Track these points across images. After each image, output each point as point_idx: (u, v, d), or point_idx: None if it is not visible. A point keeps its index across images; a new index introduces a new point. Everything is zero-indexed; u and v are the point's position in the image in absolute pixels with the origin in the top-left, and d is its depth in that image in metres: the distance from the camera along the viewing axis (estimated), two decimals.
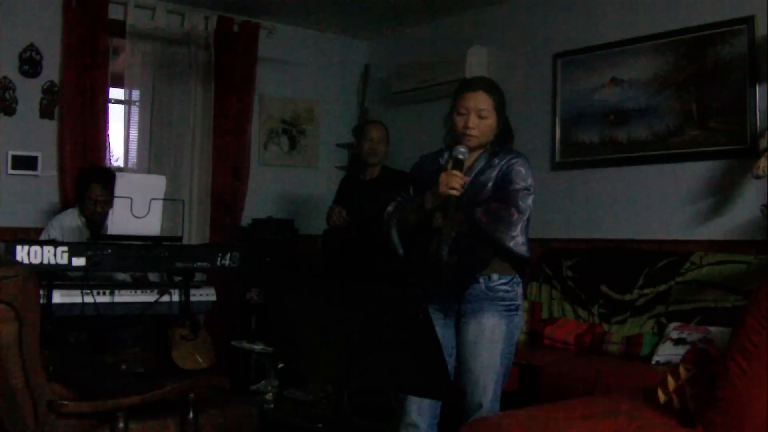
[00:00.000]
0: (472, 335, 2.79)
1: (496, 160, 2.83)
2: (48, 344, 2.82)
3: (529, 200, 2.77)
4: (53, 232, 4.33)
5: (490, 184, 2.80)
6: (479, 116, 2.81)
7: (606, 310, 4.26)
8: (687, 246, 4.20)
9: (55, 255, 3.41)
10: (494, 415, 2.64)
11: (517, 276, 2.85)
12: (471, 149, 2.82)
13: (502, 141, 2.90)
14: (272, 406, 3.96)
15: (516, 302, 2.83)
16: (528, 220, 2.80)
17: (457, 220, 2.74)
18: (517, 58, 5.22)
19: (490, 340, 2.78)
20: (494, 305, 2.79)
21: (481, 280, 2.79)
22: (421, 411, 2.82)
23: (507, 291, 2.81)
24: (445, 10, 5.59)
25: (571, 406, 2.39)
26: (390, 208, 2.97)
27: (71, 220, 4.41)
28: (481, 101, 2.81)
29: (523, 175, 2.78)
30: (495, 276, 2.80)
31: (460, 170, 2.73)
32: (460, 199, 2.72)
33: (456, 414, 2.82)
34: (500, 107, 2.86)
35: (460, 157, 2.75)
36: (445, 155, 2.92)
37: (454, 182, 2.68)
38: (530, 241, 2.83)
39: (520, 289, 2.86)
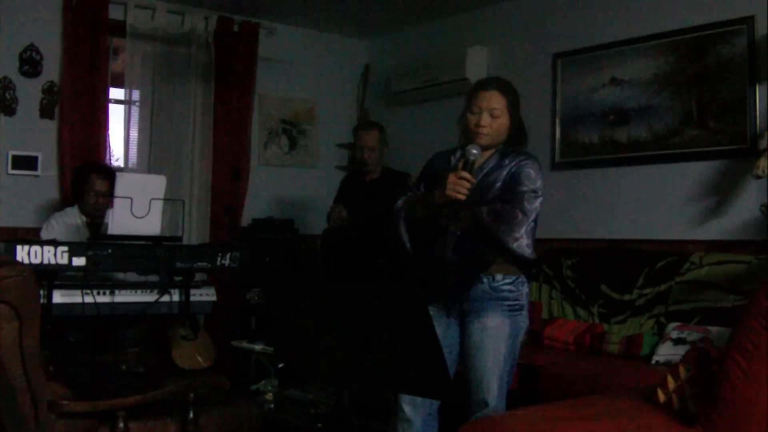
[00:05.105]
0: (476, 334, 2.80)
1: (507, 161, 2.84)
2: (48, 344, 2.82)
3: (536, 203, 2.77)
4: (54, 226, 4.31)
5: (498, 184, 2.81)
6: (491, 115, 2.82)
7: (606, 310, 4.26)
8: (687, 246, 4.20)
9: (55, 255, 3.40)
10: (494, 415, 2.64)
11: (522, 276, 2.85)
12: (483, 148, 2.83)
13: (515, 142, 2.91)
14: (272, 406, 3.97)
15: (520, 302, 2.83)
16: (535, 222, 2.79)
17: (463, 220, 2.75)
18: (517, 58, 5.22)
19: (494, 339, 2.78)
20: (498, 305, 2.79)
21: (485, 279, 2.80)
22: (414, 405, 2.82)
23: (511, 291, 2.81)
24: (445, 10, 5.59)
25: (571, 406, 2.38)
26: (400, 203, 3.00)
27: (71, 218, 4.40)
28: (494, 100, 2.83)
29: (532, 177, 2.79)
30: (499, 276, 2.80)
31: (470, 171, 2.73)
32: (467, 199, 2.71)
33: (461, 413, 2.82)
34: (513, 108, 2.87)
35: (471, 158, 2.75)
36: (458, 153, 2.93)
37: (460, 187, 2.68)
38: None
39: (525, 289, 2.86)
